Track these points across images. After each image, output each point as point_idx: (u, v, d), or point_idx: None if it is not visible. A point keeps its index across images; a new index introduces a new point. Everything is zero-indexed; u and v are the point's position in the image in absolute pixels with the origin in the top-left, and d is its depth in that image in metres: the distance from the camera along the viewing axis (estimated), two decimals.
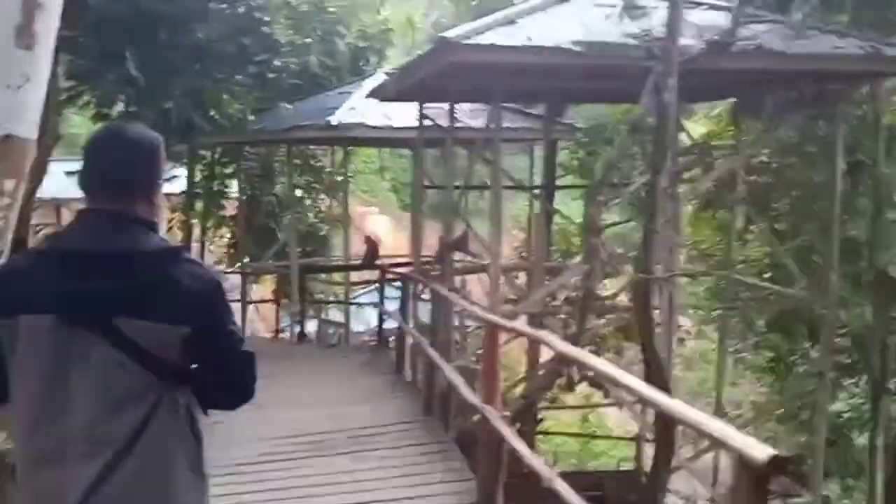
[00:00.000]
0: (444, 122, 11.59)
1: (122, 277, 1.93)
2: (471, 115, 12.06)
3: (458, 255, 11.75)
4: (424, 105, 11.30)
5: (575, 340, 7.44)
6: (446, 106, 13.17)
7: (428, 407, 7.06)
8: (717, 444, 2.84)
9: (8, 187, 3.06)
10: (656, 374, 8.23)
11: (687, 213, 14.49)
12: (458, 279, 13.38)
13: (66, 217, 22.07)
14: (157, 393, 1.97)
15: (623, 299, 16.86)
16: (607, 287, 16.98)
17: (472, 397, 5.20)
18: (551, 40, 6.91)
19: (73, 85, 12.76)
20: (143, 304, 1.93)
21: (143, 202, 2.06)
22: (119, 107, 12.68)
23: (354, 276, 14.87)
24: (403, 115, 12.76)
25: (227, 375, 2.12)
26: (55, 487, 1.92)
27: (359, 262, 13.67)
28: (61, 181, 20.25)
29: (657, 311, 8.34)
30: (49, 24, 3.16)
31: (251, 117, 13.66)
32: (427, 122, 11.54)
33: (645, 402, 5.88)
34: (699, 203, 14.94)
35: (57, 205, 20.70)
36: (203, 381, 2.08)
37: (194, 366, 2.09)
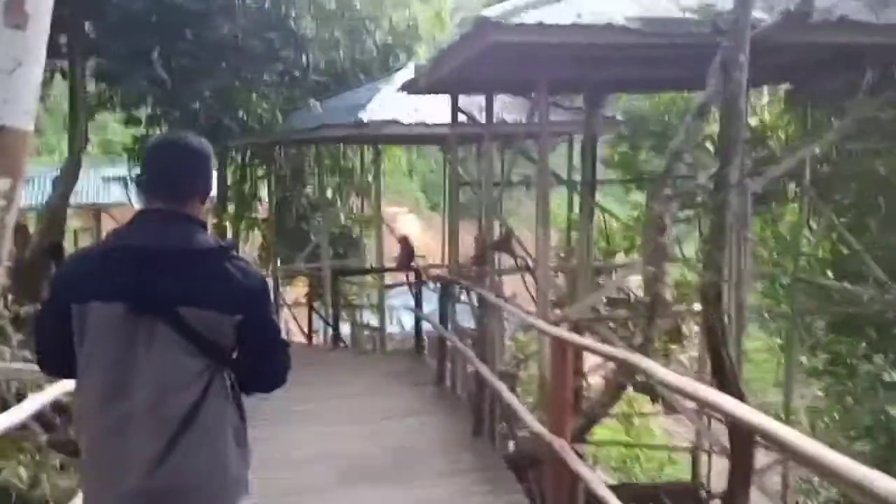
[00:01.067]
0: (478, 117, 10.86)
1: (182, 271, 2.13)
2: (505, 109, 11.28)
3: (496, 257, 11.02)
4: (458, 101, 10.51)
5: (644, 351, 6.60)
6: (480, 101, 12.43)
7: (477, 427, 6.29)
8: (832, 476, 1.99)
9: (3, 187, 2.62)
10: (730, 383, 7.40)
11: None
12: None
13: (106, 222, 21.69)
14: (210, 375, 2.16)
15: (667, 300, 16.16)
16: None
17: (538, 426, 4.42)
18: (603, 18, 6.10)
19: (102, 89, 12.23)
20: (201, 295, 2.12)
21: (196, 204, 2.26)
22: (148, 109, 12.14)
23: (388, 277, 14.14)
24: (436, 111, 12.00)
25: (266, 361, 2.31)
26: (119, 459, 2.09)
27: (393, 264, 12.93)
28: (98, 186, 19.92)
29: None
30: (41, 4, 2.66)
31: (279, 117, 13.02)
32: (461, 118, 10.78)
33: (725, 416, 5.04)
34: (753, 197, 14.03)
35: (96, 209, 20.29)
36: (244, 364, 2.26)
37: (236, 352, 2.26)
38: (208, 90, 11.66)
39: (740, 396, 7.00)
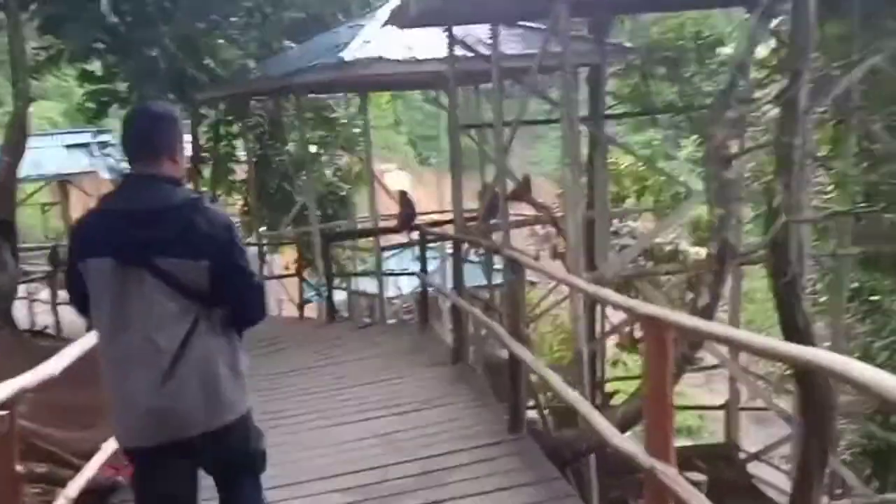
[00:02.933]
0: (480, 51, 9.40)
1: (156, 226, 2.43)
2: (502, 42, 9.80)
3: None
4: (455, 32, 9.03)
5: (709, 313, 5.30)
6: (477, 34, 10.90)
7: (515, 421, 5.00)
8: None
9: None
10: (804, 336, 6.13)
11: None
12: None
13: (75, 195, 20.05)
14: (195, 313, 2.47)
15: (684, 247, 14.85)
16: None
17: (632, 447, 3.11)
18: None
19: (48, 45, 10.60)
20: (173, 246, 2.43)
21: (168, 163, 2.55)
22: (107, 62, 10.55)
23: (383, 239, 12.73)
24: (428, 47, 10.49)
25: (238, 300, 2.56)
26: (128, 383, 2.48)
27: (389, 223, 11.51)
28: (63, 155, 18.28)
29: None
30: None
31: (252, 65, 11.46)
32: (460, 53, 9.31)
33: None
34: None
35: (63, 182, 18.57)
36: (226, 304, 2.53)
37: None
38: (168, 36, 10.08)
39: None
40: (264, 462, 2.75)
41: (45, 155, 16.44)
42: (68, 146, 17.12)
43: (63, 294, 13.25)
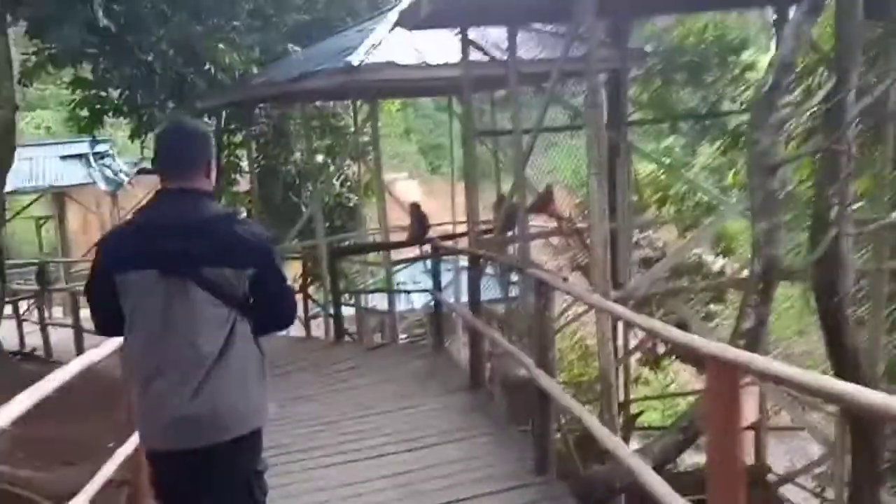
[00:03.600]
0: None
1: (199, 238, 2.53)
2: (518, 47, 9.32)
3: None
4: (469, 35, 8.53)
5: (756, 337, 4.75)
6: (491, 37, 10.42)
7: (542, 461, 4.45)
8: None
9: None
10: (850, 360, 5.59)
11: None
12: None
13: (71, 207, 19.62)
14: (233, 321, 2.55)
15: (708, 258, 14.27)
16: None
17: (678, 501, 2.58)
18: None
19: (37, 50, 10.14)
20: (218, 255, 2.53)
21: (201, 177, 2.63)
22: (98, 67, 10.08)
23: (394, 250, 12.18)
24: (440, 52, 10.01)
25: (277, 307, 2.69)
26: (161, 394, 2.53)
27: (400, 236, 10.99)
28: (59, 166, 17.85)
29: None
30: None
31: (255, 70, 10.99)
32: (475, 56, 8.81)
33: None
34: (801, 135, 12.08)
35: (59, 194, 18.14)
36: (259, 311, 2.62)
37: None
38: (165, 40, 9.62)
39: (859, 372, 5.26)
40: (263, 484, 2.77)
41: (40, 166, 16.05)
42: (64, 157, 16.72)
43: (57, 313, 12.75)
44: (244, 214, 12.64)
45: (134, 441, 3.57)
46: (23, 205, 17.96)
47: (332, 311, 9.93)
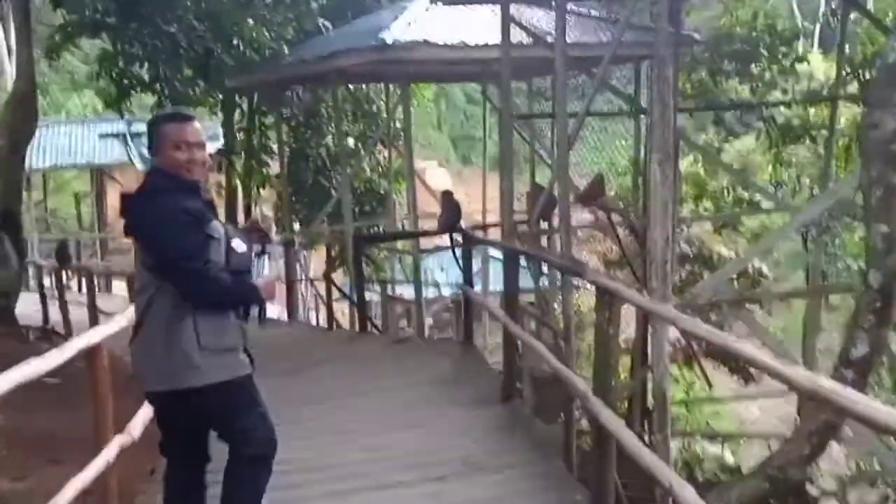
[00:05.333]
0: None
1: (133, 209, 2.72)
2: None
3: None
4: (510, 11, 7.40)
5: (866, 368, 3.60)
6: (531, 17, 9.26)
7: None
8: None
9: None
10: None
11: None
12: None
13: (115, 186, 18.85)
14: (155, 285, 2.65)
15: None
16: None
17: None
18: None
19: (62, 24, 9.15)
20: (130, 227, 2.71)
21: (158, 159, 2.78)
22: (120, 39, 9.07)
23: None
24: (479, 31, 8.89)
25: (173, 280, 2.64)
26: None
27: (431, 224, 9.91)
28: (96, 145, 17.05)
29: None
30: None
31: (286, 50, 9.93)
32: (516, 36, 7.68)
33: None
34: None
35: (99, 171, 17.30)
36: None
37: None
38: (191, 13, 8.58)
39: None
40: (258, 449, 2.80)
41: (79, 143, 15.25)
42: (103, 135, 15.87)
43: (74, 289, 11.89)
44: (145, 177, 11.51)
45: (115, 444, 3.26)
46: (63, 180, 17.23)
47: (355, 298, 8.90)
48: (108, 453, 3.24)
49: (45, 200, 18.06)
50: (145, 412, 3.82)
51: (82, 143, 15.51)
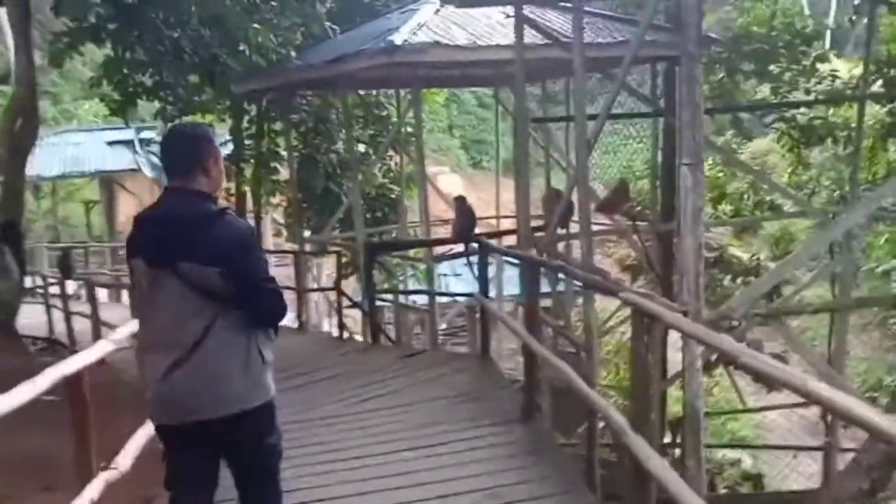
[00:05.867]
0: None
1: (180, 234, 2.54)
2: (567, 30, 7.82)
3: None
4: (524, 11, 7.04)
5: None
6: (548, 18, 8.92)
7: None
8: None
9: None
10: None
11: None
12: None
13: (125, 193, 18.63)
14: (214, 312, 2.53)
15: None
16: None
17: None
18: None
19: (65, 30, 8.85)
20: (191, 251, 2.52)
21: (198, 177, 2.63)
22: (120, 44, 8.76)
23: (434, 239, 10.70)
24: (492, 33, 8.54)
25: (252, 303, 2.59)
26: (150, 368, 2.61)
27: (446, 230, 9.53)
28: (104, 152, 16.76)
29: None
30: None
31: (293, 55, 9.61)
32: (529, 37, 7.32)
33: None
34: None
35: (106, 179, 17.02)
36: (242, 305, 2.57)
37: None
38: (195, 18, 8.26)
39: None
40: (279, 460, 2.79)
41: (87, 151, 14.99)
42: (111, 143, 15.60)
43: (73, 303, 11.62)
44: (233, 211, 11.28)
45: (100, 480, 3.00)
46: (73, 188, 16.98)
47: (367, 307, 8.54)
48: (92, 491, 2.94)
49: (55, 209, 17.84)
50: (137, 442, 3.50)
51: (91, 151, 15.24)
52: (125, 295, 12.95)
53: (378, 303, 9.43)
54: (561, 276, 8.89)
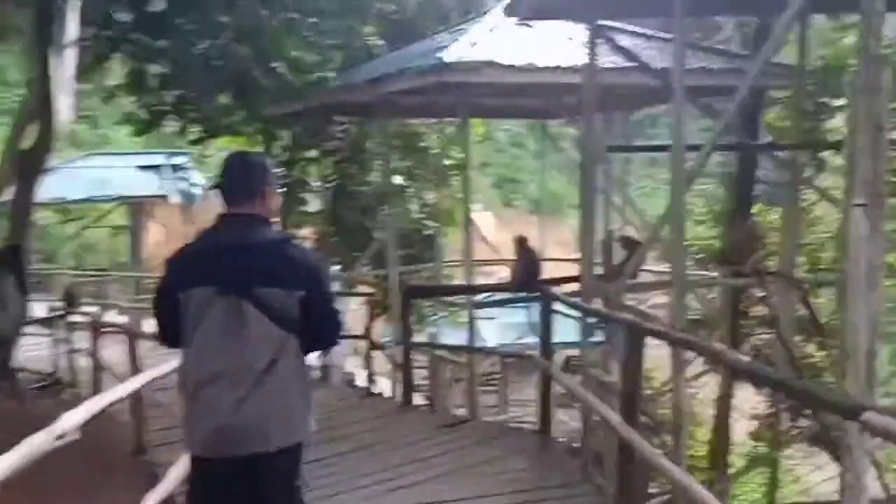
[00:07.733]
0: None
1: (254, 260, 2.41)
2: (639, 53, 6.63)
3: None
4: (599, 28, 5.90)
5: None
6: (618, 36, 7.69)
7: None
8: None
9: None
10: None
11: None
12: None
13: (154, 219, 17.69)
14: (283, 339, 2.42)
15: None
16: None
17: None
18: None
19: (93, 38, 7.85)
20: (270, 277, 2.40)
21: (260, 203, 2.49)
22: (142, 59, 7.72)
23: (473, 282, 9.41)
24: (553, 53, 7.37)
25: (322, 328, 2.52)
26: (212, 402, 2.41)
27: (488, 271, 8.25)
28: (133, 177, 15.78)
29: None
30: None
31: (332, 76, 8.53)
32: (605, 60, 6.16)
33: None
34: None
35: (134, 205, 16.04)
36: (306, 330, 2.46)
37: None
38: (231, 29, 7.21)
39: None
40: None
41: (114, 175, 14.07)
42: (141, 167, 14.67)
43: (78, 336, 10.52)
44: (302, 239, 10.32)
45: None
46: (99, 213, 16.04)
47: (402, 361, 7.24)
48: None
49: (79, 234, 16.98)
50: None
51: (118, 175, 14.35)
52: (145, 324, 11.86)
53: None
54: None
